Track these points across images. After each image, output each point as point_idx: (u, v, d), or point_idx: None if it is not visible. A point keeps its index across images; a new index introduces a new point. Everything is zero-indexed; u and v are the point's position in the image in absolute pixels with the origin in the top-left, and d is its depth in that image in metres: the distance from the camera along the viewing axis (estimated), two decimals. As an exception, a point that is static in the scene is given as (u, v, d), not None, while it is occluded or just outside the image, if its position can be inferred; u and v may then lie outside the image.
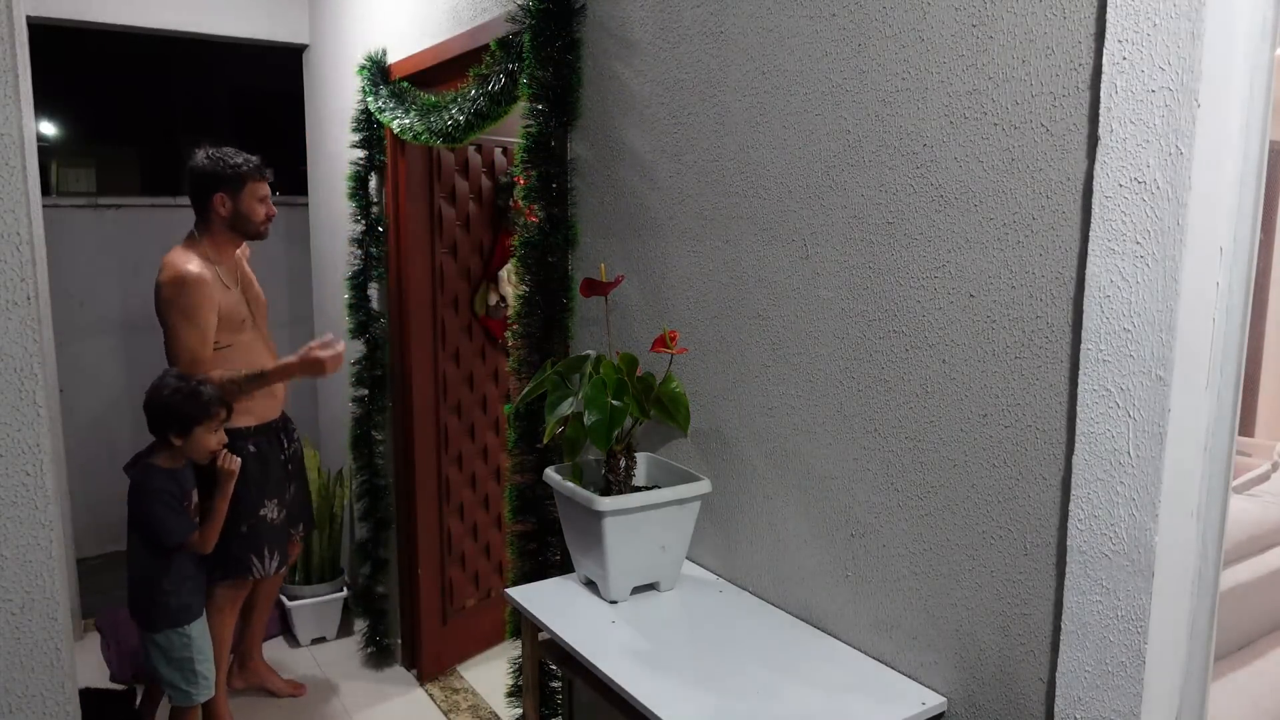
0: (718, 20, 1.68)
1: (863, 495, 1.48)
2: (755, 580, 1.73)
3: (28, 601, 1.19)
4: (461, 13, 2.57)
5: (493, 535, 3.46)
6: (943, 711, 1.36)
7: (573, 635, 1.58)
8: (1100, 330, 1.11)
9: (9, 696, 1.19)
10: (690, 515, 1.73)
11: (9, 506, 1.17)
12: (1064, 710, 1.19)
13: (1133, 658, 1.11)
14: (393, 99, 2.83)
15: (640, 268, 1.96)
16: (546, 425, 1.69)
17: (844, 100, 1.44)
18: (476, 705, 3.10)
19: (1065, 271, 1.16)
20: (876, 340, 1.43)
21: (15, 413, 1.16)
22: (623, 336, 2.04)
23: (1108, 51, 1.08)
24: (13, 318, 1.14)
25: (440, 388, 3.22)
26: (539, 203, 2.13)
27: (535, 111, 2.10)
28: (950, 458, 1.33)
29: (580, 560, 1.77)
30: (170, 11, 3.50)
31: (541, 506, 2.25)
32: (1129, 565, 1.10)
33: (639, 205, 1.94)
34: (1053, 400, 1.19)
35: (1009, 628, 1.27)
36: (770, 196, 1.60)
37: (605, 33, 2.00)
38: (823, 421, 1.54)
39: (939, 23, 1.29)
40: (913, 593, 1.41)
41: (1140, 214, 1.06)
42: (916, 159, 1.34)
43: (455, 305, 3.26)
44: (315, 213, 3.93)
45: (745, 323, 1.69)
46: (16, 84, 1.14)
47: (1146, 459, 1.08)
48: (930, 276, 1.33)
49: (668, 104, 1.83)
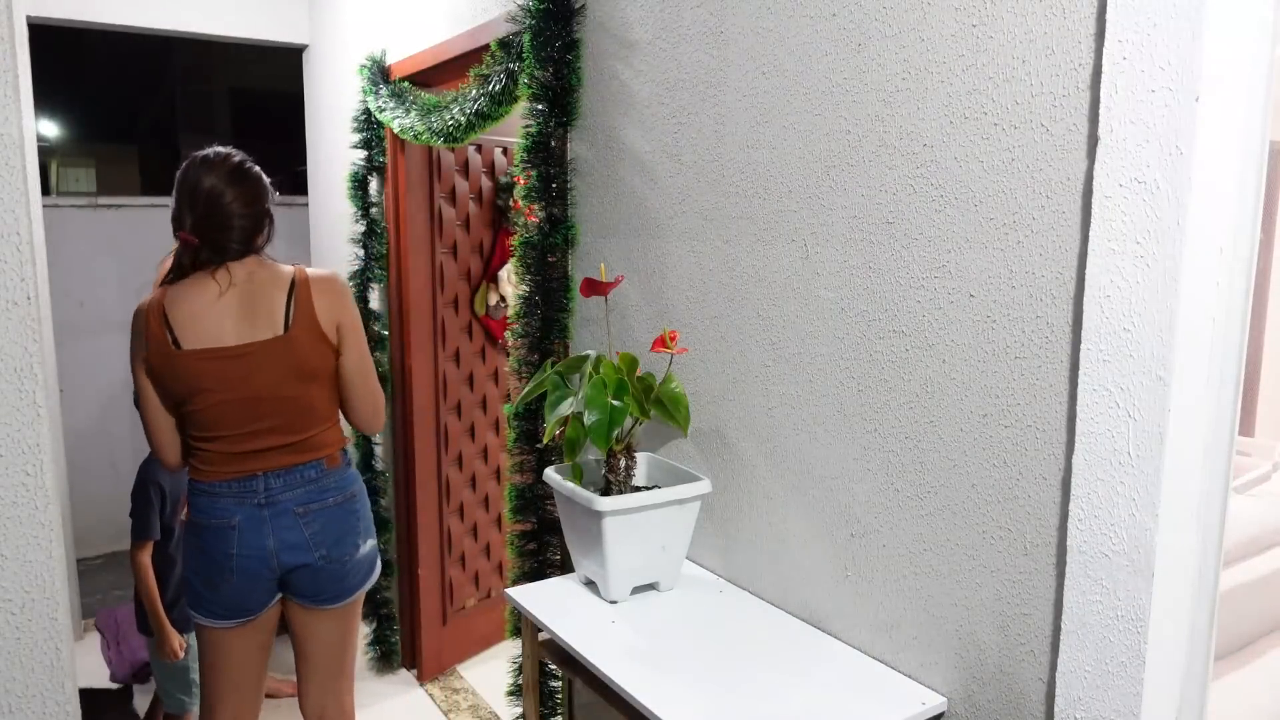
0: (718, 20, 1.68)
1: (863, 495, 1.48)
2: (755, 580, 1.73)
3: (28, 601, 1.19)
4: (461, 13, 2.57)
5: (493, 535, 3.46)
6: (943, 711, 1.36)
7: (573, 635, 1.58)
8: (1100, 330, 1.11)
9: (9, 696, 1.19)
10: (690, 515, 1.73)
11: (9, 506, 1.17)
12: (1064, 710, 1.19)
13: (1133, 658, 1.11)
14: (393, 99, 2.84)
15: (640, 268, 1.96)
16: (546, 425, 1.69)
17: (844, 100, 1.44)
18: (476, 705, 3.10)
19: (1065, 271, 1.16)
20: (876, 340, 1.43)
21: (15, 413, 1.16)
22: (623, 336, 2.04)
23: (1108, 51, 1.08)
24: (13, 318, 1.14)
25: (440, 388, 3.22)
26: (539, 203, 2.13)
27: (535, 111, 2.10)
28: (950, 458, 1.33)
29: (580, 560, 1.77)
30: (170, 11, 3.50)
31: (541, 506, 2.25)
32: (1129, 565, 1.10)
33: (639, 205, 1.94)
34: (1053, 400, 1.19)
35: (1009, 627, 1.27)
36: (770, 196, 1.60)
37: (605, 33, 2.00)
38: (823, 421, 1.54)
39: (939, 23, 1.29)
40: (913, 592, 1.41)
41: (1140, 214, 1.06)
42: (916, 159, 1.34)
43: (455, 305, 3.26)
44: (315, 213, 3.93)
45: (745, 323, 1.69)
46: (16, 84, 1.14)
47: (1146, 459, 1.08)
48: (930, 276, 1.33)
49: (668, 104, 1.83)
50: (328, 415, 1.93)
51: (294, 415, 1.86)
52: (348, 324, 1.90)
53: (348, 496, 1.95)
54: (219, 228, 1.82)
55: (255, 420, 1.83)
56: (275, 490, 1.86)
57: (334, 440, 1.95)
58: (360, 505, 1.99)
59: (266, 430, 1.84)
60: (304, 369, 1.85)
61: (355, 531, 1.96)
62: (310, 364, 1.85)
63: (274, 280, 1.86)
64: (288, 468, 1.87)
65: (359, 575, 1.99)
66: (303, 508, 1.88)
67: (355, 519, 1.96)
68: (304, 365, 1.85)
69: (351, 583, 1.98)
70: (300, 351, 1.84)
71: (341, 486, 1.94)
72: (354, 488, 1.98)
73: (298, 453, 1.88)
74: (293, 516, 1.87)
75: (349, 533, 1.94)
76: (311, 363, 1.86)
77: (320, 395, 1.90)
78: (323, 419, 1.92)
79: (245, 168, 1.89)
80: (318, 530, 1.89)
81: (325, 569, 1.91)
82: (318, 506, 1.90)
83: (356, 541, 1.96)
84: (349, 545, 1.94)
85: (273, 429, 1.84)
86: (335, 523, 1.92)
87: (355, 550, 1.96)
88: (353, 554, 1.95)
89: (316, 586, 1.93)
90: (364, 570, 2.00)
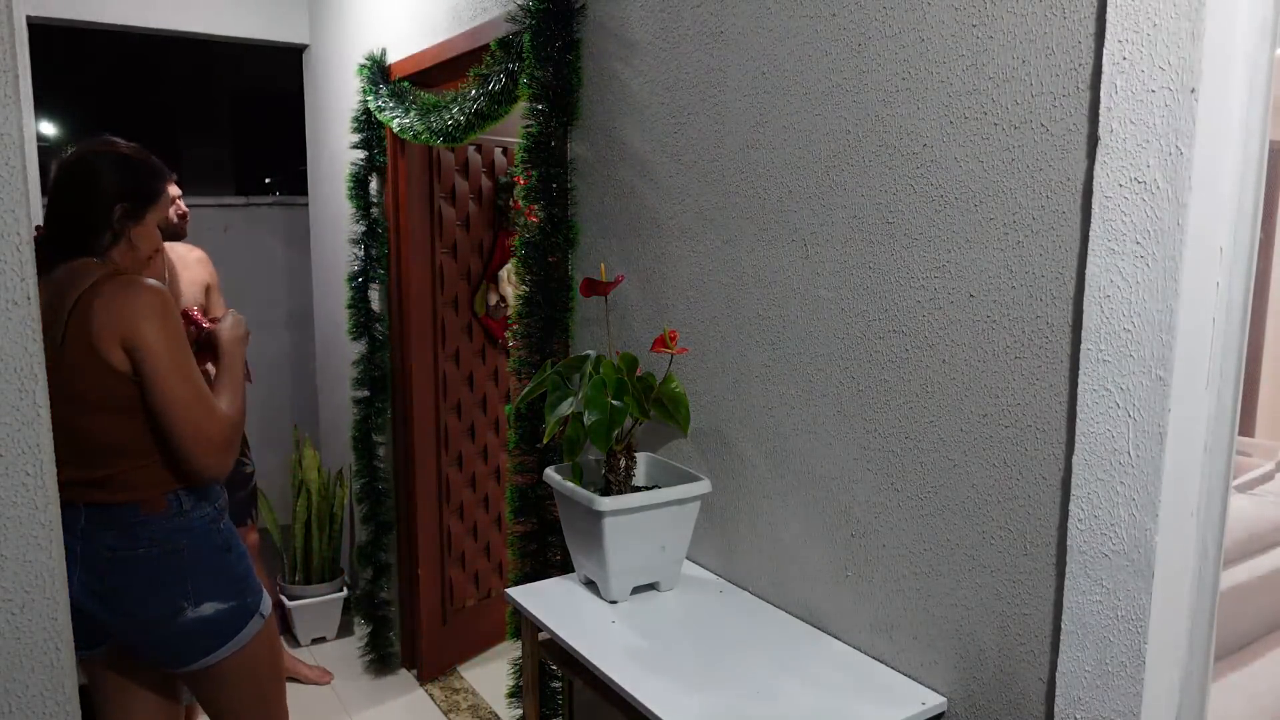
0: (718, 20, 1.68)
1: (863, 495, 1.48)
2: (755, 580, 1.73)
3: (28, 601, 1.19)
4: (461, 13, 2.57)
5: (493, 535, 3.46)
6: (943, 711, 1.36)
7: (573, 635, 1.58)
8: (1100, 330, 1.11)
9: (9, 696, 1.19)
10: (690, 515, 1.73)
11: (9, 506, 1.17)
12: (1064, 710, 1.19)
13: (1133, 658, 1.11)
14: (393, 99, 2.83)
15: (640, 268, 1.96)
16: (546, 425, 1.69)
17: (844, 100, 1.44)
18: (476, 705, 3.10)
19: (1065, 271, 1.16)
20: (876, 340, 1.43)
21: (15, 413, 1.16)
22: (623, 336, 2.04)
23: (1108, 51, 1.08)
24: (13, 318, 1.14)
25: (440, 388, 3.22)
26: (539, 203, 2.13)
27: (535, 111, 2.10)
28: (950, 458, 1.33)
29: (580, 560, 1.77)
30: (170, 11, 3.50)
31: (541, 506, 2.25)
32: (1129, 565, 1.10)
33: (639, 205, 1.94)
34: (1053, 400, 1.19)
35: (1009, 628, 1.27)
36: (770, 196, 1.60)
37: (605, 33, 2.00)
38: (823, 421, 1.54)
39: (939, 23, 1.29)
40: (913, 593, 1.41)
41: (1140, 214, 1.06)
42: (916, 159, 1.34)
43: (455, 305, 3.26)
44: (315, 213, 3.93)
45: (745, 323, 1.69)
46: (16, 84, 1.14)
47: (1146, 459, 1.08)
48: (930, 276, 1.33)
49: (668, 104, 1.83)
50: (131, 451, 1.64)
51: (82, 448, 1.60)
52: (143, 345, 1.57)
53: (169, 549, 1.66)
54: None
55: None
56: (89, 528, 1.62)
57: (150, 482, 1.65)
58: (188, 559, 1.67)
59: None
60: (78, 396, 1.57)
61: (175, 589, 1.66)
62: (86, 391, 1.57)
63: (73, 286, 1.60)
64: (99, 505, 1.62)
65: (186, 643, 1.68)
66: (110, 553, 1.63)
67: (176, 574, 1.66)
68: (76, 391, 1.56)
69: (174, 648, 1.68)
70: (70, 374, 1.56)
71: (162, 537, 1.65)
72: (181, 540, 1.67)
73: (106, 491, 1.62)
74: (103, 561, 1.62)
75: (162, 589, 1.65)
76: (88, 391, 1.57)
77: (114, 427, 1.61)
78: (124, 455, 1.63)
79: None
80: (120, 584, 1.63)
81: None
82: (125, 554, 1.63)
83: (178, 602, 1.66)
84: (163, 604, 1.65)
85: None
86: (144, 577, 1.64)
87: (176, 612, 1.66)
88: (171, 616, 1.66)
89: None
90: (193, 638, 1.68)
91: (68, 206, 1.67)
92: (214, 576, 1.70)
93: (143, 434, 1.63)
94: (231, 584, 1.72)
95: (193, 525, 1.68)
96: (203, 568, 1.68)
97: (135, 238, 1.71)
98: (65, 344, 1.56)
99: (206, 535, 1.70)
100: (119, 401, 1.59)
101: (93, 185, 1.66)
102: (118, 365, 1.57)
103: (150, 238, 1.74)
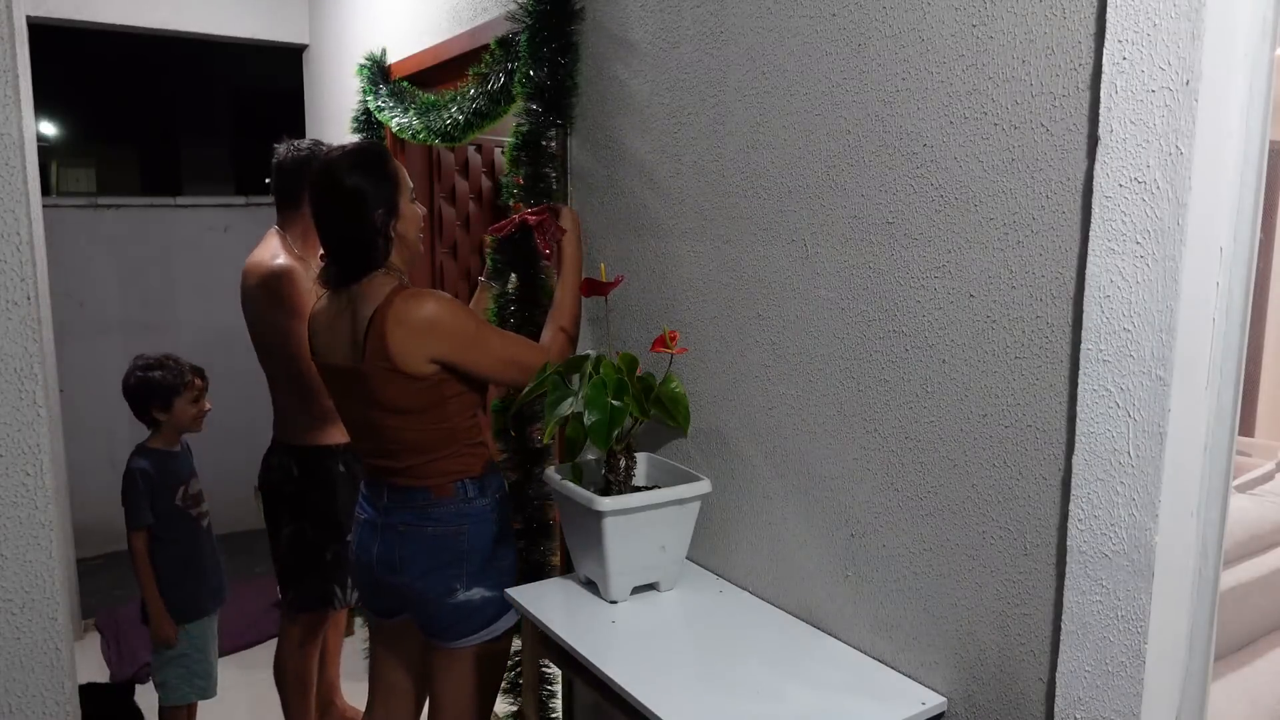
0: (718, 20, 1.68)
1: (863, 495, 1.48)
2: (755, 580, 1.73)
3: (28, 601, 1.19)
4: (461, 13, 2.58)
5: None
6: (943, 711, 1.36)
7: (573, 635, 1.58)
8: (1100, 330, 1.11)
9: (9, 696, 1.19)
10: (690, 515, 1.73)
11: (9, 506, 1.17)
12: (1064, 710, 1.19)
13: (1133, 658, 1.11)
14: (392, 98, 2.84)
15: (640, 268, 1.96)
16: (546, 425, 1.69)
17: (844, 100, 1.44)
18: (476, 705, 3.09)
19: (1065, 271, 1.16)
20: (876, 340, 1.43)
21: (15, 413, 1.16)
22: (623, 336, 2.04)
23: (1108, 51, 1.08)
24: (13, 318, 1.14)
25: (440, 388, 3.21)
26: (526, 203, 2.13)
27: (530, 111, 2.10)
28: (950, 458, 1.33)
29: (580, 560, 1.77)
30: (170, 11, 3.51)
31: (530, 505, 2.24)
32: (1129, 565, 1.10)
33: (639, 205, 1.94)
34: (1053, 400, 1.19)
35: (1009, 628, 1.27)
36: (770, 196, 1.60)
37: (604, 33, 2.00)
38: (823, 421, 1.54)
39: (939, 23, 1.29)
40: (913, 593, 1.41)
41: (1140, 214, 1.06)
42: (916, 159, 1.34)
43: (455, 305, 3.25)
44: (315, 213, 3.92)
45: (745, 323, 1.69)
46: (16, 84, 1.14)
47: (1146, 459, 1.08)
48: (930, 276, 1.33)
49: (667, 104, 1.83)
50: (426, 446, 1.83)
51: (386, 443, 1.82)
52: (448, 353, 1.73)
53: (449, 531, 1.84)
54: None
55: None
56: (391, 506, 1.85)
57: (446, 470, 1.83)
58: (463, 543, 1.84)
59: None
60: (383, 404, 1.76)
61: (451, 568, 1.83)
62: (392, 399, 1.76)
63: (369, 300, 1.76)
64: (399, 488, 1.83)
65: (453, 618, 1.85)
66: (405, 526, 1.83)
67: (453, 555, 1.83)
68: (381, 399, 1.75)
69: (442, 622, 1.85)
70: (374, 386, 1.74)
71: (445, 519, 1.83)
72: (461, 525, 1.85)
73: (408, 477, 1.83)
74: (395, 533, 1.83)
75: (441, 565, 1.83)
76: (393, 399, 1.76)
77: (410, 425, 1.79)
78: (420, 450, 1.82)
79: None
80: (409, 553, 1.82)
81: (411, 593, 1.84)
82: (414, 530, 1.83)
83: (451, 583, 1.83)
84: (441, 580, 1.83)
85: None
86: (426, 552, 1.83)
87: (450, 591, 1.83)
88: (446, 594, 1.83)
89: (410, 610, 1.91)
90: (459, 616, 1.84)
91: (337, 232, 1.77)
92: (485, 565, 1.85)
93: (437, 432, 1.80)
94: (499, 576, 1.87)
95: (474, 511, 1.84)
96: (478, 554, 1.84)
97: (401, 231, 1.79)
98: (365, 359, 1.72)
99: (485, 523, 1.86)
100: (414, 405, 1.76)
101: (349, 206, 1.73)
102: (415, 373, 1.72)
103: (412, 219, 1.82)
